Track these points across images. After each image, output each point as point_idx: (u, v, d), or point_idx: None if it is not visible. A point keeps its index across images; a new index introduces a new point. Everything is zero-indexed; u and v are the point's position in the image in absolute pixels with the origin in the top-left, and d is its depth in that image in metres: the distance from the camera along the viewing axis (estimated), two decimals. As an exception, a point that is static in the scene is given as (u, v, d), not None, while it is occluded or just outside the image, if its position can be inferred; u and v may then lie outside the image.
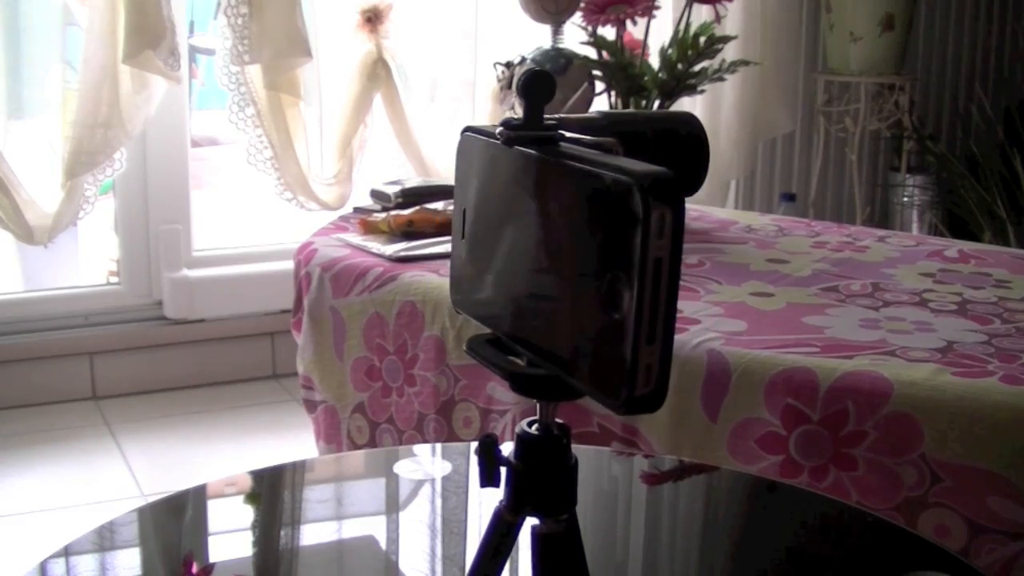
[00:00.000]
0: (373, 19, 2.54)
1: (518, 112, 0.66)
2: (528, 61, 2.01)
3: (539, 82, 0.65)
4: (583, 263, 0.61)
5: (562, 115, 0.70)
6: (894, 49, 3.02)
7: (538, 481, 0.69)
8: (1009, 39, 3.57)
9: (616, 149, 0.63)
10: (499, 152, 0.68)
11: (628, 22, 1.97)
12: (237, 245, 2.81)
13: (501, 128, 0.66)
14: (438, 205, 1.90)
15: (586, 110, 2.03)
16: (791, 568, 1.02)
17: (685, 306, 1.44)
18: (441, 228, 1.82)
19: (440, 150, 2.69)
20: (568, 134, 0.66)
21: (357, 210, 2.06)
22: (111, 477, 2.21)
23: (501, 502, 0.70)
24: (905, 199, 3.28)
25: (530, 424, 0.69)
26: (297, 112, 2.49)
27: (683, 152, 0.76)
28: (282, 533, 1.08)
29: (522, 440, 0.68)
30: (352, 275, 1.67)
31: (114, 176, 2.48)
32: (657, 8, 2.07)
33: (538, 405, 0.68)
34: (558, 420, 0.68)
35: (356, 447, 1.68)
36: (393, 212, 1.86)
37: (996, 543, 1.13)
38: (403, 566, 1.02)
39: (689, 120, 0.80)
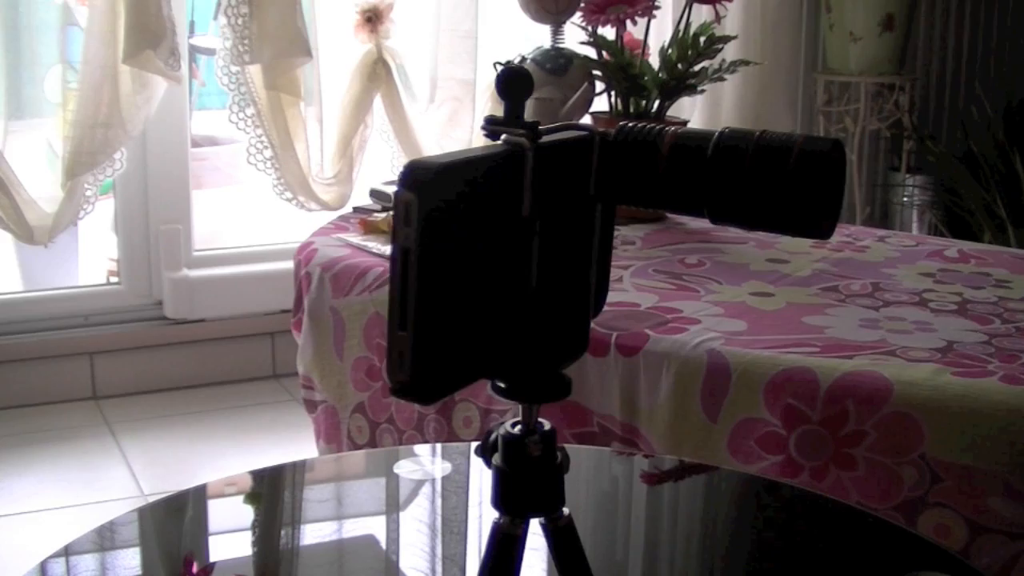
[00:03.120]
0: (373, 19, 2.54)
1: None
2: (528, 61, 2.01)
3: (514, 79, 0.65)
4: None
5: (686, 128, 0.67)
6: (894, 49, 3.02)
7: (520, 481, 0.69)
8: (1009, 39, 3.57)
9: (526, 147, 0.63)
10: None
11: (628, 22, 1.97)
12: (237, 245, 2.80)
13: (483, 123, 0.67)
14: (438, 205, 1.89)
15: (586, 110, 2.03)
16: (791, 568, 1.02)
17: (685, 306, 1.44)
18: (441, 228, 1.82)
19: (440, 150, 2.68)
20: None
21: (357, 210, 2.05)
22: (111, 477, 2.21)
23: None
24: (905, 199, 3.28)
25: (513, 425, 0.69)
26: (297, 112, 2.49)
27: (789, 176, 0.63)
28: (282, 533, 1.08)
29: (504, 441, 0.69)
30: (352, 275, 1.67)
31: (114, 176, 2.48)
32: (657, 8, 2.07)
33: (520, 406, 0.68)
34: (541, 420, 0.69)
35: (356, 447, 1.68)
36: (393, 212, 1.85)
37: (996, 543, 1.13)
38: (403, 566, 1.02)
39: (810, 139, 0.64)
